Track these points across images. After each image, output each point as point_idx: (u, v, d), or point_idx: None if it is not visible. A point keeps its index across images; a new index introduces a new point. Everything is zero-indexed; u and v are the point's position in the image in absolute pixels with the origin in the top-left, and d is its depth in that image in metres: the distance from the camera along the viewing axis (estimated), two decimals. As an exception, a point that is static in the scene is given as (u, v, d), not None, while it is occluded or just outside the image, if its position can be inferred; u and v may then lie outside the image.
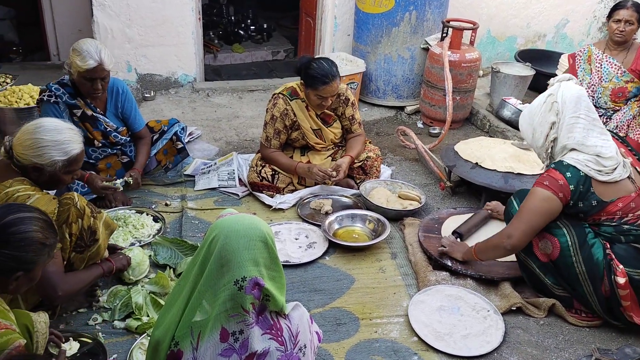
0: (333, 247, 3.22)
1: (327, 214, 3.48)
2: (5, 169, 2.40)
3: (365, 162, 3.77)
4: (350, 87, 5.04)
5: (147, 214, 3.40)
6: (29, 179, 2.40)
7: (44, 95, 3.23)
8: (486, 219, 3.35)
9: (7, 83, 4.25)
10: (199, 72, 5.41)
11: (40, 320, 1.88)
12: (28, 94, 4.06)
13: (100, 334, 2.53)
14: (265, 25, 7.20)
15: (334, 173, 3.53)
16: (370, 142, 3.92)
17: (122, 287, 2.76)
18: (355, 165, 3.76)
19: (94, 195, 3.37)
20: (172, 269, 2.94)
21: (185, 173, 3.92)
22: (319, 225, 3.37)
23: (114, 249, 2.86)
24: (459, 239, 3.14)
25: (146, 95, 5.09)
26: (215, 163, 4.02)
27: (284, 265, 3.00)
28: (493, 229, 3.20)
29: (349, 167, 3.67)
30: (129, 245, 3.11)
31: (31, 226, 1.82)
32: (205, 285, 1.59)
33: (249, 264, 1.60)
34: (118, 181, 3.25)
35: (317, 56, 4.55)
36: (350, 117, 3.71)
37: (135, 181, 3.36)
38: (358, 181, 3.81)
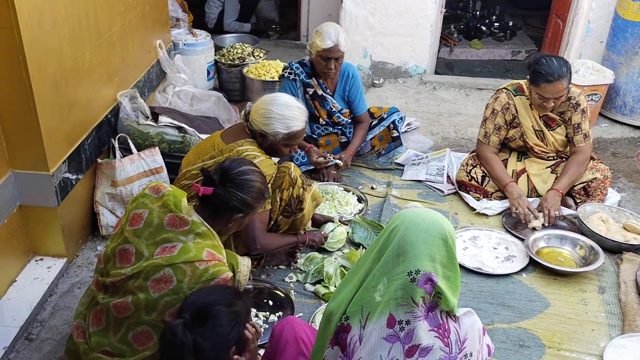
0: (533, 265, 3.00)
1: (534, 229, 3.26)
2: (240, 131, 2.74)
3: (590, 183, 3.41)
4: (592, 99, 4.59)
5: (353, 193, 3.57)
6: (256, 142, 2.70)
7: (286, 72, 3.57)
8: None
9: (260, 57, 4.79)
10: (430, 65, 5.43)
11: (245, 263, 2.14)
12: (275, 68, 4.53)
13: (292, 291, 2.77)
14: (510, 23, 6.89)
15: (540, 219, 3.27)
16: (600, 162, 3.52)
17: (318, 255, 2.97)
18: (577, 187, 3.43)
19: (311, 167, 3.64)
20: (364, 249, 3.06)
21: (396, 161, 4.01)
22: (522, 239, 3.17)
23: (325, 221, 3.11)
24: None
25: (375, 82, 5.29)
26: (427, 156, 4.02)
27: (476, 273, 2.96)
28: None
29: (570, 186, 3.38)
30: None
31: (258, 177, 2.09)
32: (381, 270, 1.63)
33: (424, 258, 1.59)
34: (331, 159, 3.47)
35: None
36: (576, 126, 3.37)
37: (345, 163, 3.56)
38: (578, 202, 3.47)
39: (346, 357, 1.67)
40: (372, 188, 3.71)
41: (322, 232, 3.01)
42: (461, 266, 2.98)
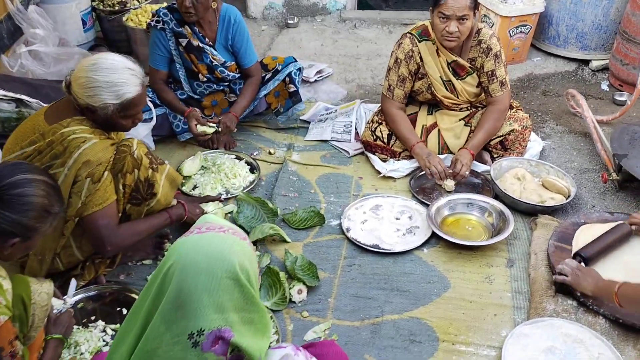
0: (436, 238, 2.66)
1: (448, 193, 2.91)
2: (66, 106, 2.23)
3: (507, 136, 3.04)
4: (521, 31, 4.15)
5: (246, 162, 3.14)
6: (87, 119, 2.21)
7: (153, 20, 3.03)
8: (625, 238, 2.49)
9: (143, 1, 4.16)
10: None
11: (42, 291, 1.72)
12: (162, 14, 3.93)
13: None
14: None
15: (451, 176, 2.93)
16: (519, 109, 3.13)
17: (191, 244, 2.56)
18: (493, 140, 3.05)
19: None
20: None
21: (301, 118, 3.57)
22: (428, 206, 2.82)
23: (200, 201, 2.69)
24: (582, 264, 2.37)
25: (289, 21, 4.74)
26: (336, 110, 3.58)
27: (372, 252, 2.61)
28: (632, 254, 2.38)
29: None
30: (217, 194, 2.90)
31: (37, 190, 1.62)
32: (161, 320, 1.23)
33: (209, 312, 1.20)
34: (209, 126, 3.01)
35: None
36: (490, 73, 2.94)
37: (226, 127, 3.08)
38: (496, 156, 3.11)
39: None
40: (270, 153, 3.28)
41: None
42: (356, 244, 2.62)
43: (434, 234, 2.65)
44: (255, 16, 4.87)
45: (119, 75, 2.13)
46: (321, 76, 3.99)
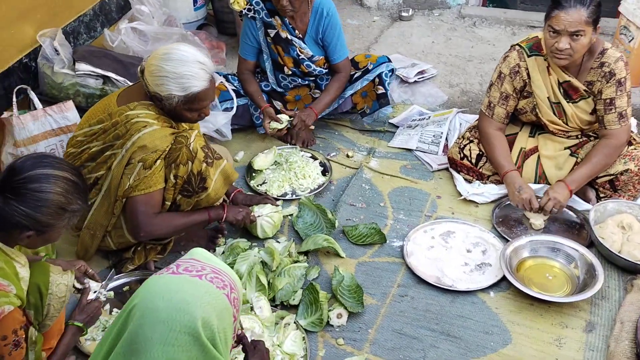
0: (507, 281, 2.33)
1: (535, 231, 2.57)
2: (138, 91, 2.24)
3: (619, 175, 2.59)
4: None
5: (320, 163, 2.99)
6: (155, 105, 2.20)
7: (245, 8, 2.94)
8: None
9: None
10: (476, -7, 4.49)
11: (60, 282, 1.70)
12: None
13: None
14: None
15: (541, 215, 2.58)
16: (637, 144, 2.66)
17: (244, 244, 2.49)
18: (601, 179, 2.63)
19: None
20: (294, 243, 2.51)
21: (390, 121, 3.33)
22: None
23: (256, 202, 2.61)
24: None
25: (403, 14, 4.45)
26: (430, 117, 3.30)
27: (429, 285, 2.31)
28: None
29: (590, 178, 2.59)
30: (282, 195, 2.80)
31: (55, 187, 1.59)
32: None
33: None
34: (280, 122, 2.89)
35: None
36: (608, 101, 2.51)
37: (302, 122, 2.93)
38: (602, 196, 2.68)
39: None
40: (348, 156, 3.10)
41: (252, 213, 2.51)
42: (414, 273, 2.39)
43: (505, 277, 2.33)
44: (369, 5, 4.65)
45: (188, 68, 2.09)
46: (423, 77, 3.70)
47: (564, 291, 2.30)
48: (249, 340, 1.59)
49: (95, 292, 2.00)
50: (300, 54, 2.95)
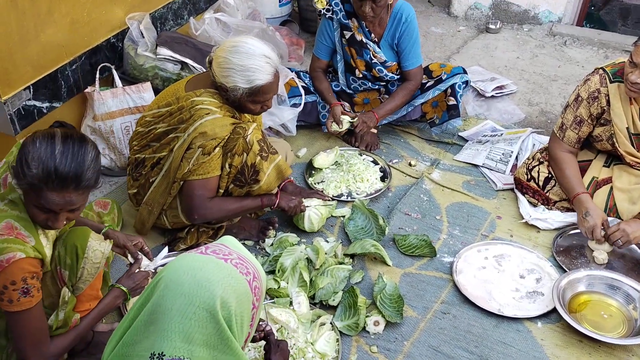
0: (558, 313, 2.21)
1: (598, 265, 2.43)
2: (205, 80, 2.33)
3: None
4: None
5: (381, 168, 2.97)
6: (220, 94, 2.27)
7: (324, 8, 2.97)
8: None
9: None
10: (570, 12, 4.28)
11: (97, 249, 1.78)
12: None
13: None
14: None
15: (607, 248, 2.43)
16: None
17: (293, 239, 2.52)
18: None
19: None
20: (341, 244, 2.50)
21: (460, 134, 3.25)
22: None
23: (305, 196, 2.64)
24: None
25: (490, 26, 4.33)
26: (502, 134, 3.19)
27: (476, 306, 2.25)
28: None
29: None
30: (338, 195, 2.81)
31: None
32: (132, 334, 1.18)
33: (176, 337, 1.10)
34: (346, 120, 2.89)
35: None
36: None
37: (363, 124, 2.91)
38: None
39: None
40: (410, 165, 3.05)
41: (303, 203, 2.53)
42: (460, 291, 2.32)
43: (556, 309, 2.22)
44: (457, 14, 4.56)
45: (254, 61, 2.14)
46: (501, 92, 3.58)
47: (619, 332, 2.16)
48: (275, 338, 1.61)
49: (147, 266, 2.10)
50: (373, 57, 2.94)
